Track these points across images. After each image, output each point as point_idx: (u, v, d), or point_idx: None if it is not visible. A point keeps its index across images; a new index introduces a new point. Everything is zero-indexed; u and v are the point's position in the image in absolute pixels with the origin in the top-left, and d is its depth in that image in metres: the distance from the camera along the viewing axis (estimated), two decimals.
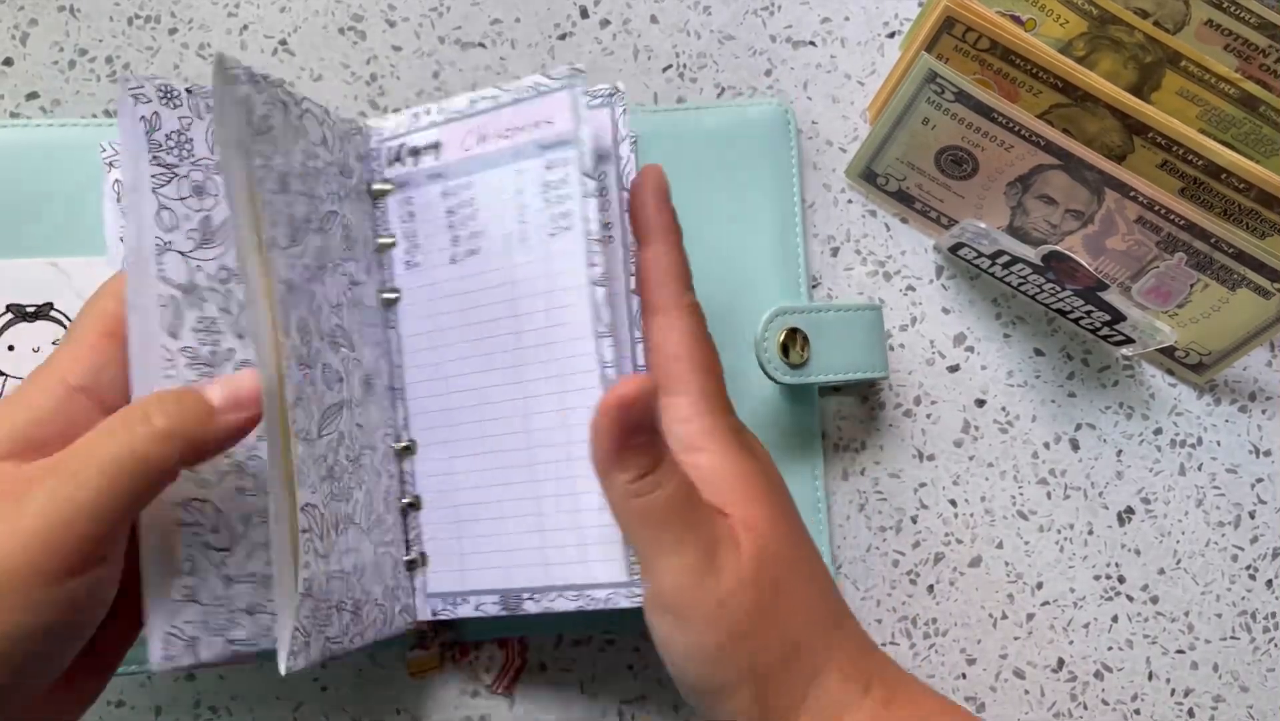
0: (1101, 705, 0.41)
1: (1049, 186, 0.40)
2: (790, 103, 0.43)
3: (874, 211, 0.43)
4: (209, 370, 0.32)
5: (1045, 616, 0.42)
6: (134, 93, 0.31)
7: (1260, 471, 0.43)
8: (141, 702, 0.39)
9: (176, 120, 0.32)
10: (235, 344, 0.33)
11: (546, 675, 0.40)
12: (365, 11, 0.43)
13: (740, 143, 0.42)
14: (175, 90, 0.32)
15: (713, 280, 0.39)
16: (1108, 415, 0.43)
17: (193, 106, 0.32)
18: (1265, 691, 0.42)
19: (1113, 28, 0.40)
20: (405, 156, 0.36)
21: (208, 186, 0.32)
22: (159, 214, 0.31)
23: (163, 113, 0.32)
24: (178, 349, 0.31)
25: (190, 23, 0.43)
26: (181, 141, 0.32)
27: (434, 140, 0.36)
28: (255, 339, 0.31)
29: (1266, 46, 0.41)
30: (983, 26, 0.38)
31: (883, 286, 0.43)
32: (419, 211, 0.36)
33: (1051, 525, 0.42)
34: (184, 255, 0.32)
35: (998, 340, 0.43)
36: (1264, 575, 0.42)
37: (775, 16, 0.44)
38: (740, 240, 0.41)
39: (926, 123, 0.40)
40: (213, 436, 0.30)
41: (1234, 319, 0.40)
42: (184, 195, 0.32)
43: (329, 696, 0.39)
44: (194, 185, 0.32)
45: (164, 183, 0.32)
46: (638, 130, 0.40)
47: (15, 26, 0.42)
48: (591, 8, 0.44)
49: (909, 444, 0.42)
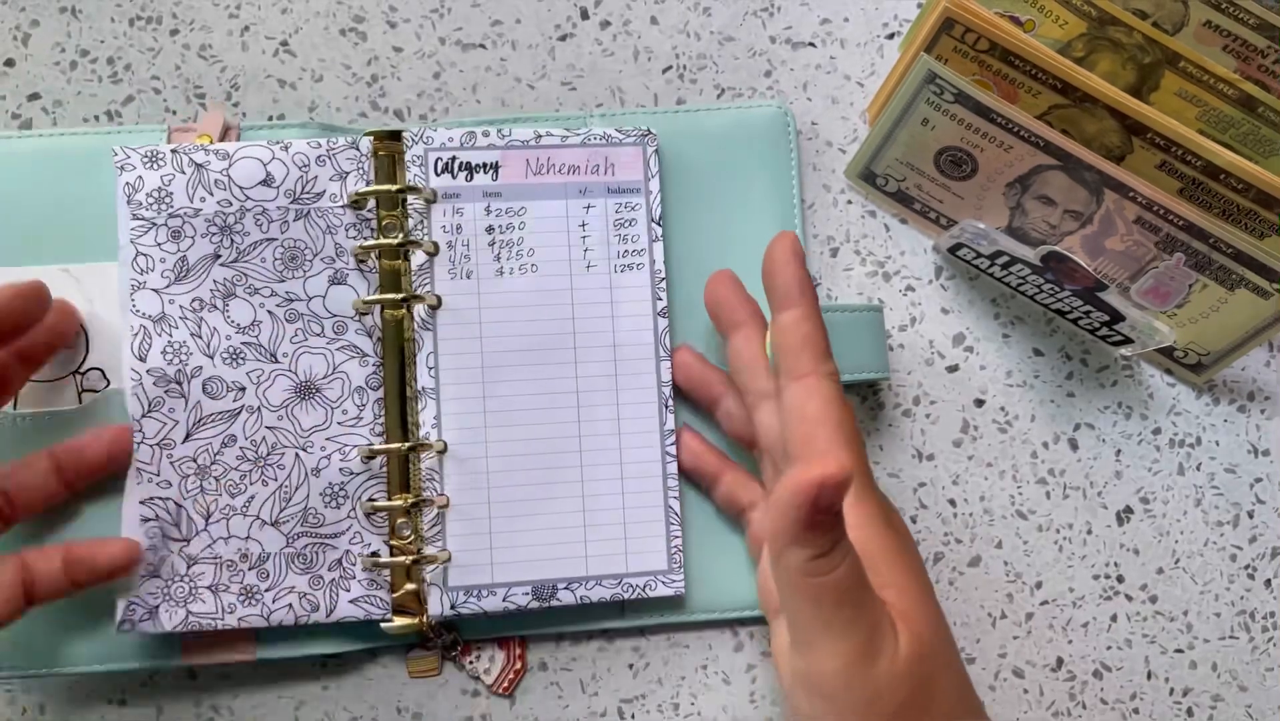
0: (1100, 704, 0.42)
1: (1048, 187, 0.40)
2: (790, 104, 0.43)
3: (873, 212, 0.43)
4: (176, 387, 0.37)
5: (1044, 616, 0.42)
6: (119, 165, 0.37)
7: (1259, 471, 0.43)
8: (143, 701, 0.39)
9: (158, 179, 0.37)
10: (204, 362, 0.37)
11: (546, 675, 0.40)
12: (366, 13, 0.43)
13: (740, 144, 0.42)
14: (160, 153, 0.37)
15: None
16: (1106, 415, 0.43)
17: (175, 164, 0.37)
18: (1264, 690, 0.42)
19: (1112, 29, 0.40)
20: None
21: (185, 230, 0.37)
22: (135, 259, 0.37)
23: (145, 176, 0.37)
24: (145, 370, 0.37)
25: (192, 24, 0.43)
26: (161, 196, 0.37)
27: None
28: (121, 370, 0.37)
29: (1265, 47, 0.41)
30: (982, 27, 0.38)
31: (882, 287, 0.43)
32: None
33: (1050, 525, 0.42)
34: (157, 292, 0.37)
35: (997, 340, 0.43)
36: (1263, 574, 0.43)
37: (775, 18, 0.44)
38: (740, 240, 0.41)
39: (926, 123, 0.40)
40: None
41: (1232, 319, 0.40)
42: (161, 241, 0.37)
43: (329, 695, 0.39)
44: (171, 231, 0.37)
45: (142, 233, 0.37)
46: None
47: (17, 27, 0.42)
48: (592, 9, 0.44)
49: (908, 444, 0.42)
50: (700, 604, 0.40)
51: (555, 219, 0.39)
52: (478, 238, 0.39)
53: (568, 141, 0.40)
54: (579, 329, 0.39)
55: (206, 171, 0.37)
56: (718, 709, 0.40)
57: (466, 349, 0.38)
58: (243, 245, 0.37)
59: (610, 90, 0.43)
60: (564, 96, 0.43)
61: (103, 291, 0.39)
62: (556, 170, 0.39)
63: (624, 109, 0.43)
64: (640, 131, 0.40)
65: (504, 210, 0.39)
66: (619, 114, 0.42)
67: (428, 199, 0.38)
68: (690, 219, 0.41)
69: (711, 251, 0.41)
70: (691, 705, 0.40)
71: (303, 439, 0.37)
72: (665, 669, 0.40)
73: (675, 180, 0.41)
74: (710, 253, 0.41)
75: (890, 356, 0.42)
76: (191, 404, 0.37)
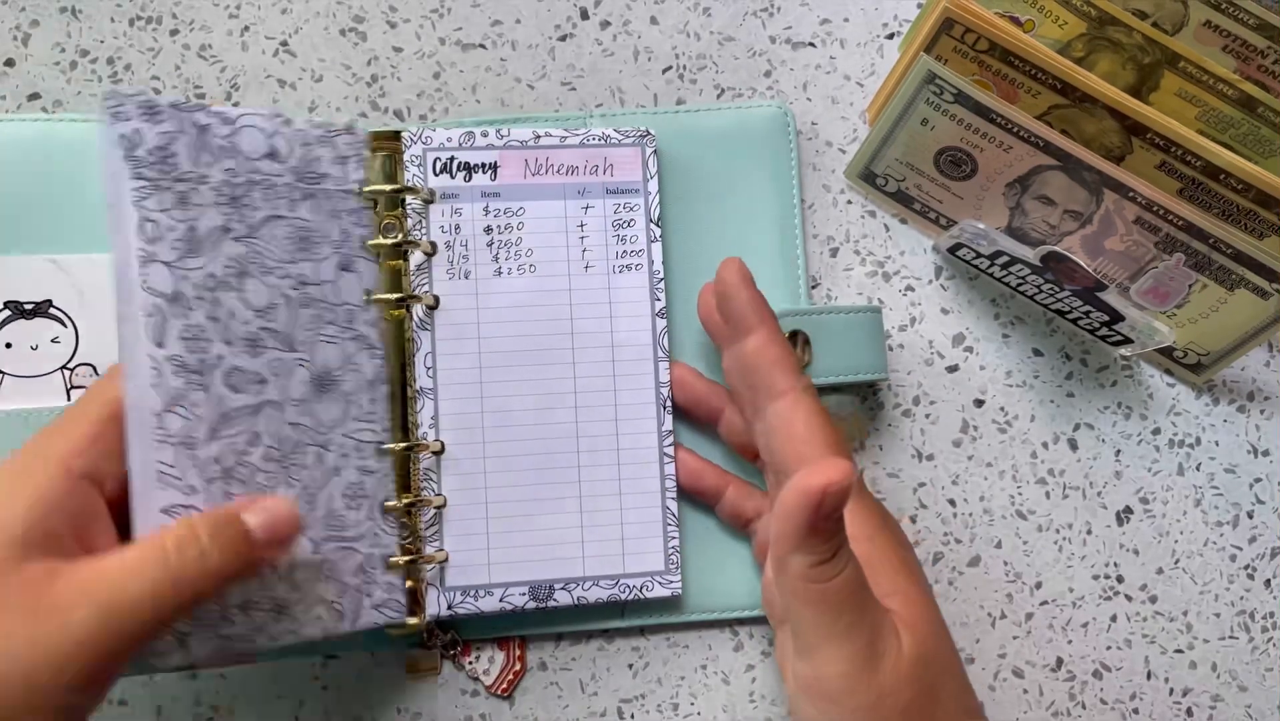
0: (1100, 704, 0.42)
1: (1048, 187, 0.40)
2: (790, 104, 0.43)
3: (873, 212, 0.44)
4: (198, 378, 0.32)
5: (1044, 616, 0.42)
6: (114, 110, 0.32)
7: (1258, 471, 0.43)
8: (143, 702, 0.39)
9: (157, 135, 0.32)
10: (224, 350, 0.33)
11: (546, 675, 0.40)
12: (366, 13, 0.43)
13: (740, 144, 0.42)
14: (158, 106, 0.32)
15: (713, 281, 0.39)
16: (1106, 415, 0.43)
17: (176, 121, 0.33)
18: (1263, 690, 0.42)
19: (1111, 29, 0.40)
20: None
21: (191, 197, 0.33)
22: (141, 225, 0.32)
23: (144, 129, 0.32)
24: (164, 357, 0.32)
25: (192, 24, 0.43)
26: (164, 156, 0.33)
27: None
28: (125, 356, 0.32)
29: (1265, 47, 0.41)
30: (981, 28, 0.38)
31: (882, 287, 0.43)
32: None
33: (1050, 525, 0.42)
34: (169, 265, 0.32)
35: (996, 340, 0.43)
36: (1262, 574, 0.43)
37: (775, 18, 0.44)
38: (740, 241, 0.41)
39: (925, 123, 0.40)
40: (247, 570, 0.30)
41: (1232, 319, 0.40)
42: (167, 207, 0.32)
43: (330, 696, 0.39)
44: (178, 196, 0.33)
45: (145, 196, 0.32)
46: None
47: (17, 27, 0.42)
48: (592, 9, 0.44)
49: (908, 444, 0.42)
50: (699, 604, 0.40)
51: (554, 219, 0.39)
52: (476, 238, 0.39)
53: (566, 142, 0.39)
54: (577, 329, 0.39)
55: (211, 136, 0.34)
56: (718, 709, 0.40)
57: (464, 349, 0.38)
58: (253, 220, 0.34)
59: (610, 90, 0.43)
60: (564, 96, 0.43)
61: (93, 283, 0.38)
62: (555, 170, 0.39)
63: (624, 109, 0.43)
64: (639, 132, 0.40)
65: (502, 210, 0.39)
66: (619, 114, 0.42)
67: (425, 199, 0.38)
68: (690, 219, 0.41)
69: (711, 252, 0.41)
70: (691, 705, 0.40)
71: (323, 435, 0.35)
72: (665, 669, 0.40)
73: (675, 180, 0.41)
74: (709, 253, 0.41)
75: (890, 356, 0.42)
76: (214, 397, 0.33)
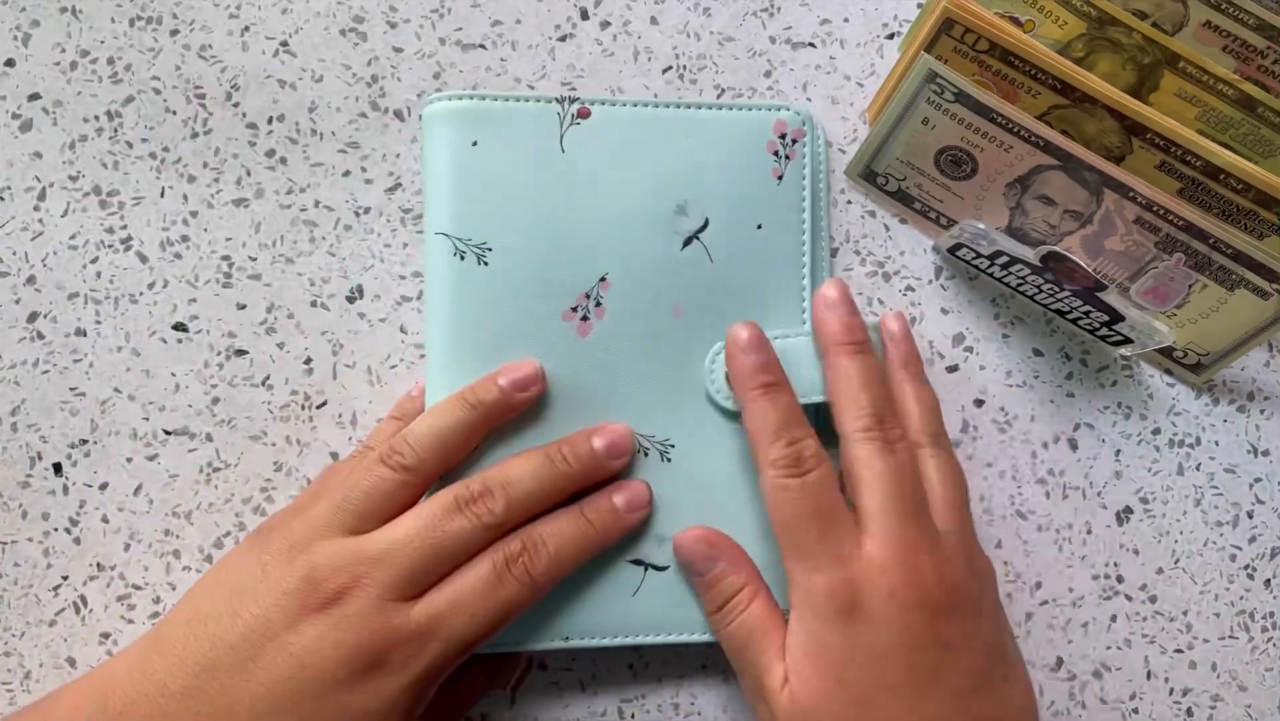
0: (1100, 704, 0.42)
1: (1048, 187, 0.40)
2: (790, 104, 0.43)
3: (873, 212, 0.44)
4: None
5: (1044, 615, 0.42)
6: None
7: (1258, 471, 0.43)
8: None
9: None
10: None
11: (546, 675, 0.40)
12: (366, 13, 0.43)
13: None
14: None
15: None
16: (1106, 415, 0.43)
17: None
18: (1263, 690, 0.42)
19: (1111, 29, 0.40)
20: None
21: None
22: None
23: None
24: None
25: (192, 24, 0.43)
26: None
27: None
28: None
29: (1265, 48, 0.41)
30: (981, 28, 0.38)
31: (882, 287, 0.43)
32: None
33: (1050, 524, 0.42)
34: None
35: (996, 340, 0.43)
36: (1262, 574, 0.43)
37: (775, 18, 0.44)
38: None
39: (926, 123, 0.40)
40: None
41: (1232, 319, 0.40)
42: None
43: None
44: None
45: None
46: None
47: (17, 27, 0.42)
48: (592, 9, 0.44)
49: None
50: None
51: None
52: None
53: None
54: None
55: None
56: (718, 709, 0.40)
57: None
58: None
59: (610, 90, 0.43)
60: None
61: None
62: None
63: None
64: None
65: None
66: None
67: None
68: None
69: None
70: (691, 705, 0.40)
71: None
72: (665, 668, 0.40)
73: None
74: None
75: None
76: None
